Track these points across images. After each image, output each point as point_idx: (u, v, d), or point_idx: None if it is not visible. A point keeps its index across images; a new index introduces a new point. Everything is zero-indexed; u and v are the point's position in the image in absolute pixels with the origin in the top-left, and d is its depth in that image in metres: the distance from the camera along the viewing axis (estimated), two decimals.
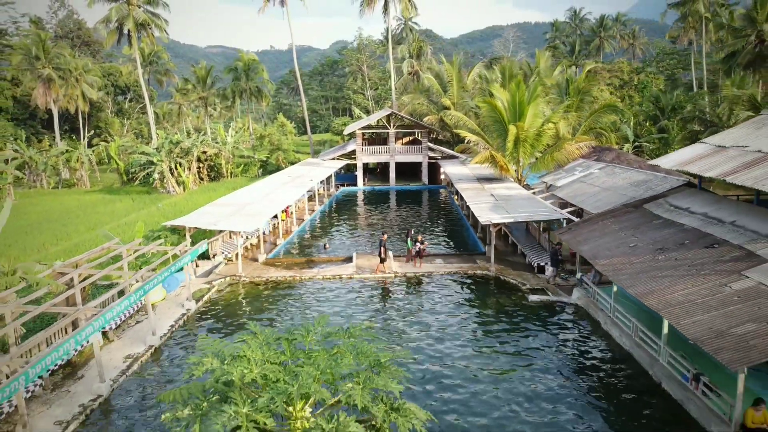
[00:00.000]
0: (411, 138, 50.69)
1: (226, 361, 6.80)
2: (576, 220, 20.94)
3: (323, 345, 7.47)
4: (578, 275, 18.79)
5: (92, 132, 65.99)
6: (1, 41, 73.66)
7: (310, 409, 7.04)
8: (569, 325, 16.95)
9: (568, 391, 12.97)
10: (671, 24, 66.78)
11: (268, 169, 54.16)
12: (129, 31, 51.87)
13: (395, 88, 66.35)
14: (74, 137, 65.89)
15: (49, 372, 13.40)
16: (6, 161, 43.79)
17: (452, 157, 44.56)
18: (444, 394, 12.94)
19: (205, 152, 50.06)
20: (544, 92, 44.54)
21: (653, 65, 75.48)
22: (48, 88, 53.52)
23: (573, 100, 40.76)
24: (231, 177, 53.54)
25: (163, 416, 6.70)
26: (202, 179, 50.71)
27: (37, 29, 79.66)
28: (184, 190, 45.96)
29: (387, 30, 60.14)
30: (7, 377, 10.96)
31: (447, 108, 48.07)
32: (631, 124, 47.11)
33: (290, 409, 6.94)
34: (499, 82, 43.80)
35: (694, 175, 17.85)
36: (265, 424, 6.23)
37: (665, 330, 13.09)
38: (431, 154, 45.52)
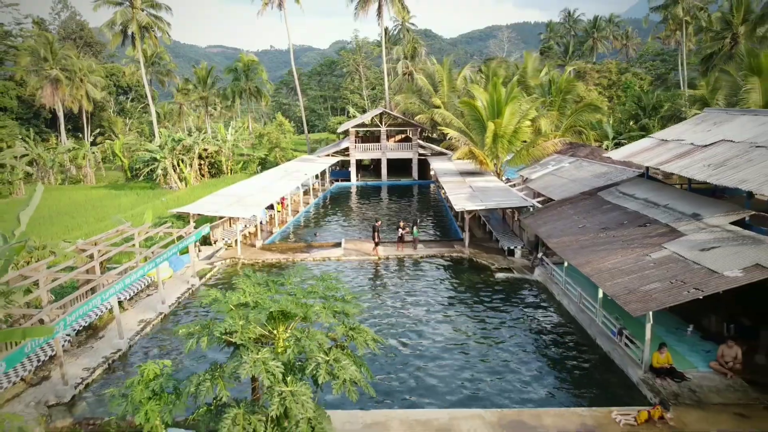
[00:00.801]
0: (403, 136, 52.91)
1: (227, 293, 9.08)
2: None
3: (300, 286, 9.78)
4: (539, 255, 21.07)
5: (98, 131, 68.22)
6: (6, 42, 76.06)
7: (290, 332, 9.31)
8: (528, 296, 19.25)
9: (522, 348, 15.24)
10: (655, 24, 69.09)
11: (266, 166, 56.34)
12: (133, 33, 54.17)
13: (391, 88, 68.63)
14: (81, 135, 68.09)
15: (75, 332, 15.66)
16: (16, 158, 46.05)
17: (441, 154, 46.80)
18: (411, 349, 15.24)
19: (206, 150, 52.31)
20: (525, 92, 46.79)
21: (636, 65, 77.54)
22: (56, 88, 55.78)
23: (555, 99, 43.09)
24: (231, 173, 55.78)
25: (180, 331, 8.95)
26: (203, 176, 52.97)
27: (40, 30, 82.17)
28: (186, 185, 48.20)
29: (381, 32, 62.31)
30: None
31: (437, 107, 50.20)
32: (611, 122, 49.32)
33: (274, 331, 9.21)
34: (483, 84, 46.01)
35: (641, 166, 20.15)
36: (254, 332, 8.51)
37: (600, 295, 15.39)
38: (421, 151, 47.83)
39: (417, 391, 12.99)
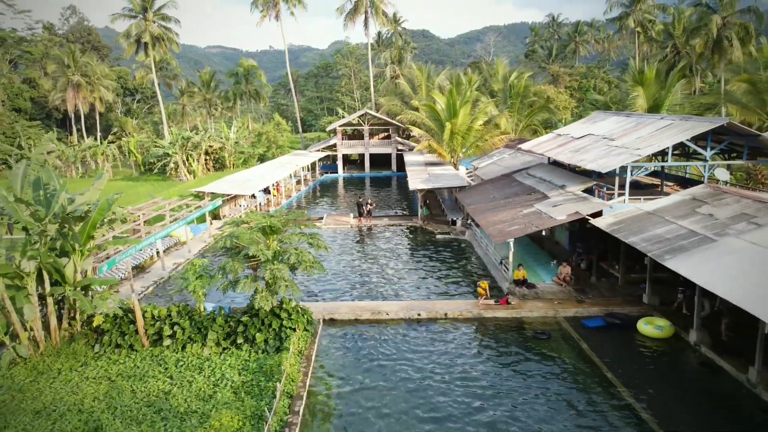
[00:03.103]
0: (386, 134, 59.70)
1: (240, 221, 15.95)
2: None
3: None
4: (468, 221, 27.93)
5: (115, 130, 74.96)
6: (21, 48, 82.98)
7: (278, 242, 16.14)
8: (457, 248, 26.14)
9: (445, 275, 22.11)
10: (611, 33, 75.94)
11: (265, 162, 63.13)
12: (146, 43, 60.96)
13: (379, 90, 75.54)
14: (100, 134, 74.83)
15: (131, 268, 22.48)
16: (48, 153, 52.85)
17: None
18: (369, 275, 22.16)
19: (211, 146, 59.12)
20: (490, 95, 53.54)
21: (594, 71, 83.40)
22: (77, 92, 62.61)
23: (513, 102, 49.93)
24: (233, 168, 62.56)
25: (215, 239, 15.74)
26: (208, 169, 59.76)
27: (50, 35, 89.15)
28: (194, 177, 54.96)
29: (368, 42, 69.10)
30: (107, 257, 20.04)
31: (416, 109, 57.03)
32: (564, 121, 56.04)
33: (267, 241, 16.04)
34: (447, 89, 52.79)
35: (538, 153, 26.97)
36: (254, 238, 15.35)
37: (494, 242, 22.22)
38: (399, 147, 54.67)
39: (373, 297, 19.88)
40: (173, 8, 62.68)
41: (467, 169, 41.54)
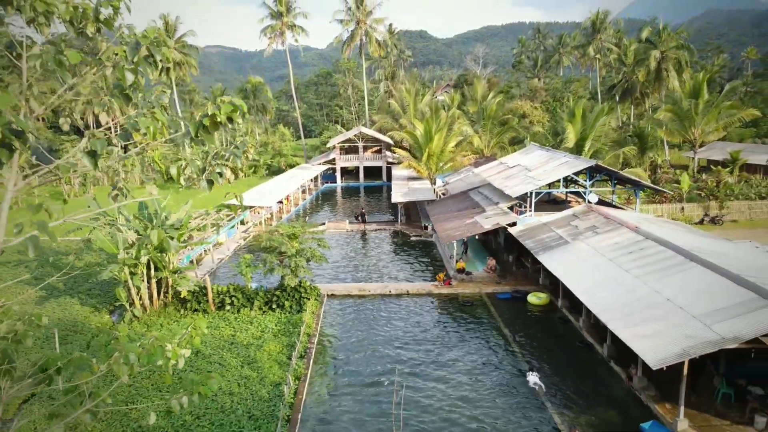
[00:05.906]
0: (378, 148, 68.73)
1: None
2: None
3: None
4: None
5: (141, 142, 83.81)
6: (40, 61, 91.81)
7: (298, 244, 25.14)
8: (424, 247, 35.21)
9: (412, 265, 31.18)
10: (576, 59, 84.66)
11: (271, 170, 72.11)
12: (168, 67, 69.89)
13: (375, 103, 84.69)
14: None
15: (189, 261, 31.54)
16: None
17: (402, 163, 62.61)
18: (358, 265, 31.27)
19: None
20: (466, 116, 62.54)
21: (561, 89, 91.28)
22: (108, 108, 71.45)
23: (485, 123, 58.92)
24: (245, 176, 71.55)
25: (244, 239, 24.68)
26: None
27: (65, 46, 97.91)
28: (213, 185, 63.84)
29: (362, 64, 78.08)
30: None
31: (405, 126, 66.03)
32: (530, 137, 64.99)
33: (292, 243, 25.06)
34: (428, 115, 61.77)
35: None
36: (282, 240, 24.35)
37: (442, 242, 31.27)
38: (389, 161, 63.75)
39: (360, 280, 28.97)
40: (192, 36, 71.73)
41: (443, 183, 50.57)
